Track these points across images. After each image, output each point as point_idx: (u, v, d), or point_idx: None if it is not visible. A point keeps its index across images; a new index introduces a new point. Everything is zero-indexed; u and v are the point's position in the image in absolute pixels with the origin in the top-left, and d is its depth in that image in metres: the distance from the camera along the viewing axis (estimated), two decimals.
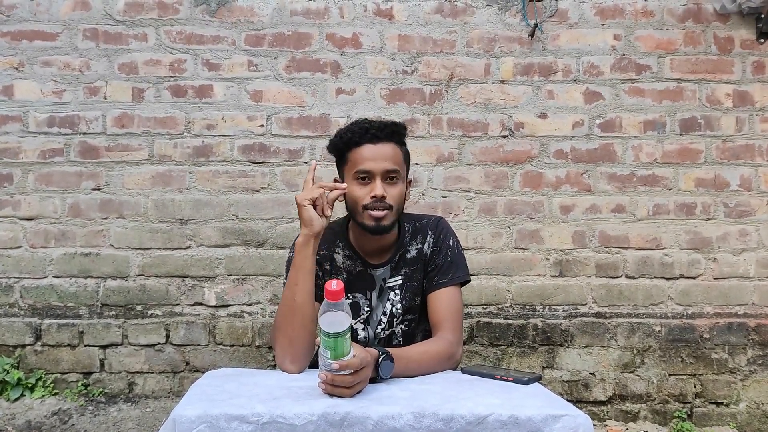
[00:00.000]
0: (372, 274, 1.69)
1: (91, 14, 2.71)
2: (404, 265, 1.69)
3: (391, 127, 1.62)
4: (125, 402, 2.64)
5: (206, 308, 2.70)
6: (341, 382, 1.26)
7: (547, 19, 2.75)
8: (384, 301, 1.68)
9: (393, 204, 1.59)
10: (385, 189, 1.57)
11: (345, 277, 1.68)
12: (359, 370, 1.28)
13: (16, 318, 2.67)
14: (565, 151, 2.74)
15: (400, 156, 1.63)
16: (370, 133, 1.58)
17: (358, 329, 1.69)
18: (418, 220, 1.75)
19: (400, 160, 1.62)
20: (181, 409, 1.19)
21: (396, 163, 1.60)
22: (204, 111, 2.72)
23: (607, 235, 2.74)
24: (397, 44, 2.73)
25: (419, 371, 1.49)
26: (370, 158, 1.57)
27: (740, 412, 2.68)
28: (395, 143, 1.62)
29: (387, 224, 1.59)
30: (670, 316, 2.72)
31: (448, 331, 1.62)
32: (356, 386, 1.28)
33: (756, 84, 2.74)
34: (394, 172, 1.59)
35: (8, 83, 2.69)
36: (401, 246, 1.70)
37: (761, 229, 2.74)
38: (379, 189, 1.56)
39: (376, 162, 1.57)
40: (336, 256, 1.70)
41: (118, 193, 2.71)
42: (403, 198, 1.63)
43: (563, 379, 2.69)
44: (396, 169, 1.59)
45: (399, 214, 1.63)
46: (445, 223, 1.76)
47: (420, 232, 1.72)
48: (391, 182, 1.59)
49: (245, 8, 2.72)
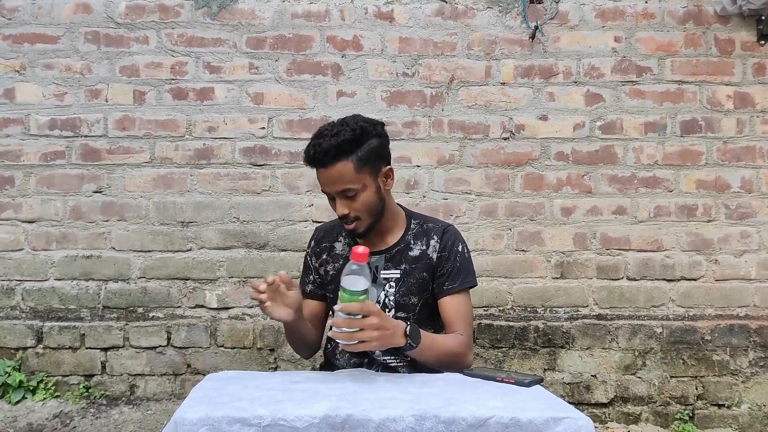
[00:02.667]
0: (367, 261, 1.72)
1: (92, 17, 2.71)
2: (405, 260, 1.72)
3: (336, 148, 1.57)
4: (126, 404, 2.64)
5: (207, 310, 2.71)
6: (341, 324, 1.39)
7: (547, 21, 2.75)
8: (379, 289, 1.71)
9: (359, 214, 1.63)
10: (347, 205, 1.62)
11: (341, 263, 1.74)
12: (365, 317, 1.39)
13: (18, 320, 2.67)
14: (565, 153, 2.75)
15: (351, 170, 1.59)
16: (316, 160, 1.59)
17: None
18: (427, 222, 1.79)
19: (351, 176, 1.59)
20: (183, 412, 1.19)
21: (347, 182, 1.59)
22: (205, 113, 2.72)
23: (608, 237, 2.74)
24: (397, 46, 2.74)
25: (437, 358, 1.60)
26: (324, 183, 1.62)
27: (742, 414, 2.68)
28: (344, 159, 1.58)
29: (360, 231, 1.66)
30: (672, 318, 2.72)
31: (463, 334, 1.69)
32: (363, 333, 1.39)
33: (757, 86, 2.75)
34: (348, 190, 1.60)
35: (10, 86, 2.70)
36: (402, 241, 1.74)
37: (762, 231, 2.74)
38: (338, 209, 1.63)
39: (329, 186, 1.62)
40: (336, 245, 1.79)
41: (120, 195, 2.71)
42: (371, 202, 1.64)
43: (564, 381, 2.69)
44: (347, 187, 1.59)
45: (375, 215, 1.66)
46: (454, 229, 1.78)
47: (425, 235, 1.75)
48: (350, 198, 1.61)
49: (246, 11, 2.73)
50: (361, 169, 1.61)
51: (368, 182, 1.63)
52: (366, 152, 1.62)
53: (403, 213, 1.80)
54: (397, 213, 1.77)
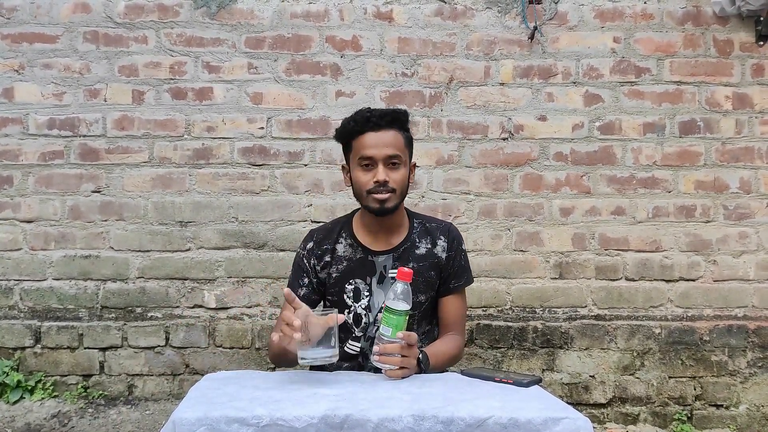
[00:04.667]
0: (373, 261, 1.73)
1: (91, 17, 2.71)
2: (412, 259, 1.73)
3: (392, 115, 1.68)
4: (125, 404, 2.64)
5: (206, 310, 2.70)
6: (393, 349, 1.43)
7: (546, 21, 2.75)
8: (385, 289, 1.71)
9: (396, 187, 1.65)
10: (388, 174, 1.64)
11: (345, 264, 1.74)
12: (411, 346, 1.46)
13: (16, 320, 2.67)
14: (564, 153, 2.75)
15: (402, 141, 1.69)
16: (371, 122, 1.65)
17: (361, 314, 1.72)
18: (428, 221, 1.82)
19: (401, 146, 1.68)
20: (181, 412, 1.19)
21: (397, 149, 1.66)
22: (204, 113, 2.72)
23: (606, 238, 2.74)
24: (396, 47, 2.74)
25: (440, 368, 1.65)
26: (372, 145, 1.64)
27: (740, 415, 2.68)
28: (396, 129, 1.68)
29: (390, 206, 1.66)
30: (670, 319, 2.72)
31: (459, 334, 1.79)
32: (406, 360, 1.45)
33: (755, 86, 2.75)
34: (396, 157, 1.66)
35: (8, 86, 2.70)
36: (408, 240, 1.75)
37: (761, 232, 2.74)
38: (381, 174, 1.63)
39: (378, 148, 1.64)
40: (338, 246, 1.76)
41: (118, 195, 2.71)
42: (406, 181, 1.70)
43: (563, 381, 2.69)
44: (397, 154, 1.66)
45: (403, 196, 1.70)
46: (454, 227, 1.84)
47: (429, 234, 1.78)
48: (393, 167, 1.66)
49: (245, 11, 2.72)
50: (406, 146, 1.71)
51: (406, 162, 1.70)
52: (409, 136, 1.74)
53: (405, 212, 1.82)
54: (402, 211, 1.79)
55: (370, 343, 1.69)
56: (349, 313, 1.71)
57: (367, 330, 1.72)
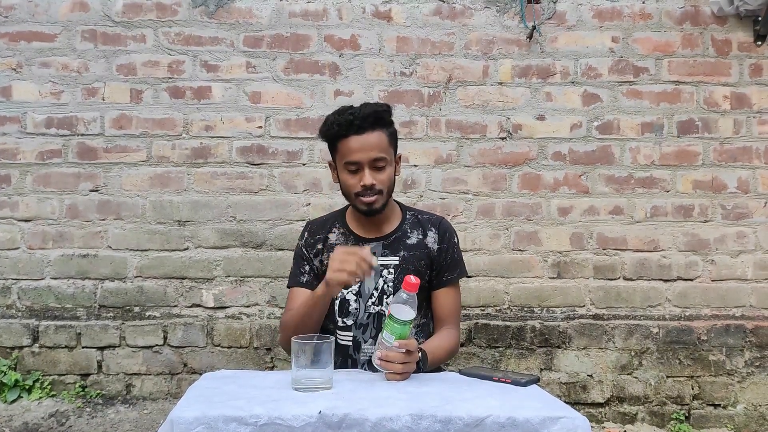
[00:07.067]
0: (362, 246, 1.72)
1: (89, 15, 2.71)
2: (403, 248, 1.76)
3: (374, 115, 1.66)
4: (123, 404, 2.64)
5: (204, 310, 2.70)
6: (394, 357, 1.43)
7: (545, 21, 2.75)
8: (377, 277, 1.73)
9: (382, 188, 1.68)
10: (374, 176, 1.66)
11: None
12: (413, 352, 1.46)
13: (14, 319, 2.66)
14: (563, 153, 2.75)
15: (386, 141, 1.69)
16: (354, 125, 1.64)
17: (350, 300, 1.74)
18: (420, 214, 1.85)
19: (385, 146, 1.68)
20: (179, 411, 1.19)
21: (382, 150, 1.67)
22: (202, 112, 2.72)
23: (605, 237, 2.74)
24: (395, 46, 2.74)
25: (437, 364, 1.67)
26: (357, 150, 1.65)
27: (738, 414, 2.69)
28: (380, 129, 1.67)
29: (378, 207, 1.69)
30: (668, 318, 2.72)
31: (455, 327, 1.79)
32: (407, 365, 1.45)
33: (753, 86, 2.75)
34: (381, 159, 1.67)
35: (6, 84, 2.69)
36: (399, 229, 1.78)
37: (759, 231, 2.75)
38: (367, 179, 1.65)
39: (364, 152, 1.65)
40: (330, 236, 1.80)
41: (116, 194, 2.71)
42: (392, 179, 1.72)
43: (561, 380, 2.69)
44: (382, 156, 1.67)
45: (390, 194, 1.73)
46: (446, 221, 1.85)
47: (421, 225, 1.81)
48: (378, 170, 1.67)
49: (244, 9, 2.72)
50: (390, 144, 1.70)
51: (391, 160, 1.71)
52: (393, 131, 1.73)
53: (396, 205, 1.85)
54: (393, 204, 1.82)
55: (362, 330, 1.71)
56: (336, 299, 1.73)
57: (357, 318, 1.72)
